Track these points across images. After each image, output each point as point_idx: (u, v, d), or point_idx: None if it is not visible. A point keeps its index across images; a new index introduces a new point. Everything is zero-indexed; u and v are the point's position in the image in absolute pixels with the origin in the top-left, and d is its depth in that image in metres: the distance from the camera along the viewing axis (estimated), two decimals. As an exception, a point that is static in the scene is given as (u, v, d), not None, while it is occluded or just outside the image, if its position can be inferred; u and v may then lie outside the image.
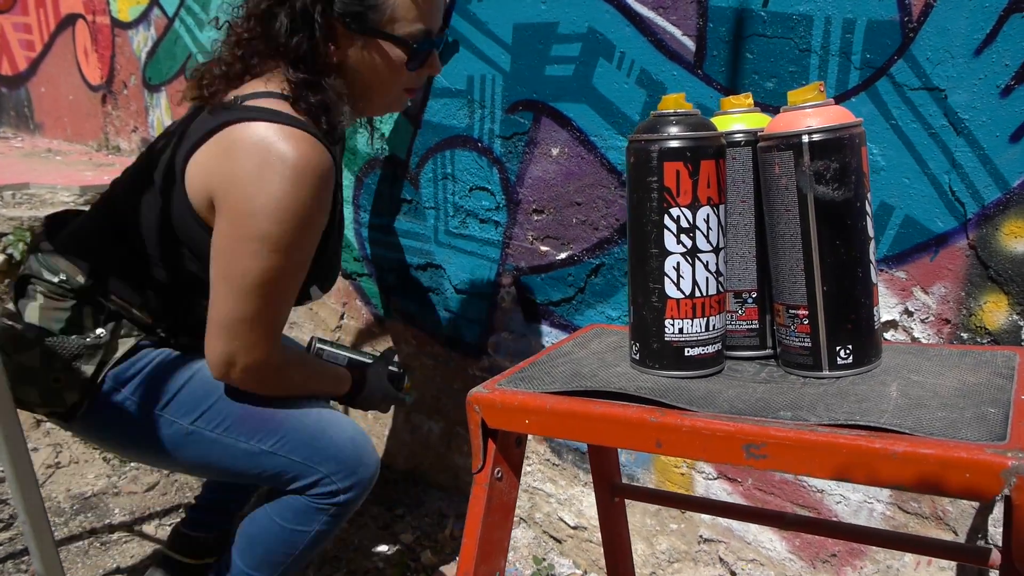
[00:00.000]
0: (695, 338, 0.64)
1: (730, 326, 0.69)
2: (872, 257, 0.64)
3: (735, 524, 1.60)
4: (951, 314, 1.27)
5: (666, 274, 0.63)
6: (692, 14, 1.47)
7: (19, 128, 4.05)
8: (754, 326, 0.68)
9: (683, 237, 0.63)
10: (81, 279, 1.31)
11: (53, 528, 1.97)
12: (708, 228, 0.63)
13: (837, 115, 0.62)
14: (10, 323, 1.31)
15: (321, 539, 1.41)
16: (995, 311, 1.22)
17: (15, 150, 3.53)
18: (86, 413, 1.32)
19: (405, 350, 2.23)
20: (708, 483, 1.60)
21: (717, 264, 0.65)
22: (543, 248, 1.81)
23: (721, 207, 0.64)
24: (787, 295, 0.64)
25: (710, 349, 0.65)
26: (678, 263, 0.63)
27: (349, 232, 2.28)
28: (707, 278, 0.64)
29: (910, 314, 1.31)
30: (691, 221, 0.63)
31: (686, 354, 0.65)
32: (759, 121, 0.70)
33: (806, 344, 0.64)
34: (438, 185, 2.01)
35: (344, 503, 1.38)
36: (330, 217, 1.31)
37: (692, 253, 0.63)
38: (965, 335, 1.26)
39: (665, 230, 0.63)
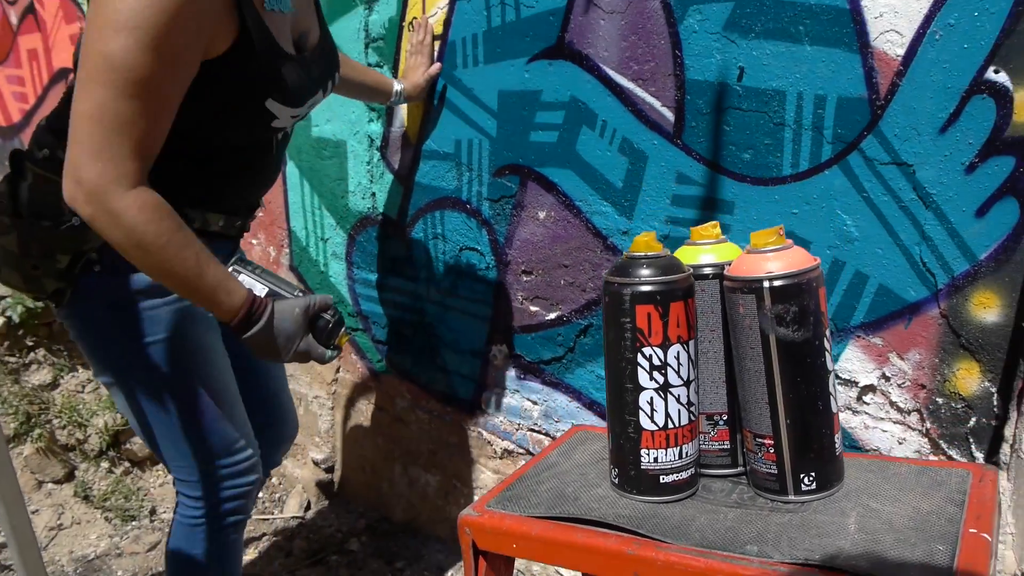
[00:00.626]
0: (669, 466, 0.68)
1: (703, 445, 0.72)
2: (832, 390, 0.68)
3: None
4: (926, 380, 1.31)
5: (640, 408, 0.67)
6: (670, 86, 1.52)
7: (14, 179, 4.08)
8: (726, 446, 0.71)
9: (655, 374, 0.67)
10: (61, 153, 1.20)
11: (57, 596, 1.99)
12: (679, 364, 0.67)
13: (796, 260, 0.66)
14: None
15: (216, 562, 1.50)
16: (968, 378, 1.26)
17: (10, 204, 3.57)
18: (71, 303, 1.35)
19: (400, 404, 2.26)
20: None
21: (688, 396, 0.69)
22: (533, 308, 1.85)
23: (691, 342, 0.68)
24: (754, 424, 0.68)
25: (684, 475, 0.69)
26: (651, 398, 0.67)
27: (343, 288, 2.32)
28: (679, 410, 0.68)
29: (887, 379, 1.35)
30: (663, 359, 0.67)
31: (661, 481, 0.69)
32: (727, 252, 0.74)
33: (772, 471, 0.68)
34: (429, 245, 2.05)
35: (208, 517, 1.48)
36: (241, 36, 1.20)
37: (664, 388, 0.67)
38: (940, 399, 1.29)
39: (639, 367, 0.67)
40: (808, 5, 1.32)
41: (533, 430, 1.94)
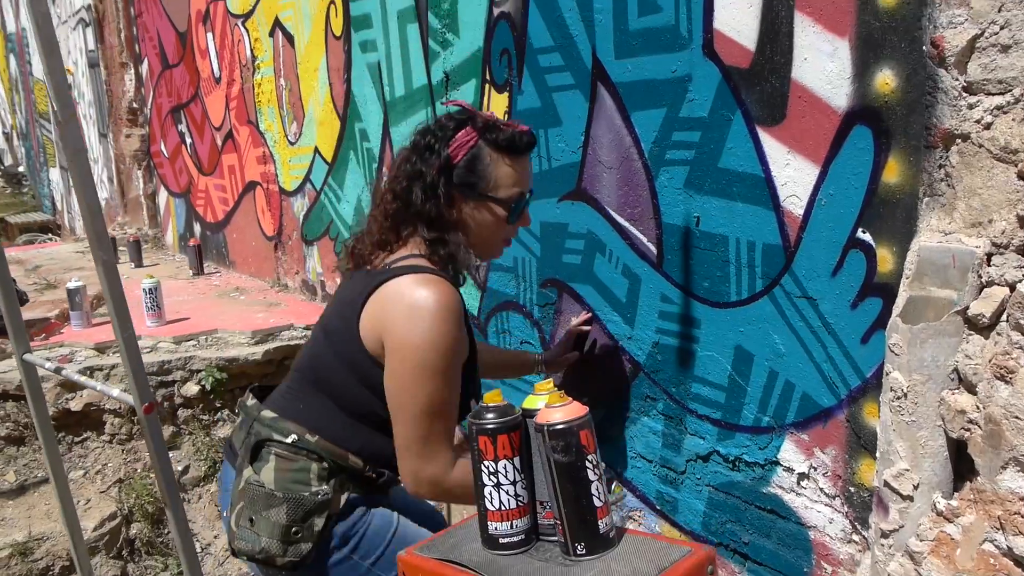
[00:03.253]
0: (504, 533, 1.11)
1: (540, 520, 1.14)
2: (595, 491, 1.07)
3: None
4: (841, 471, 1.61)
5: (485, 496, 1.11)
6: (653, 226, 1.92)
7: (219, 263, 5.08)
8: (551, 522, 1.12)
9: (491, 477, 1.11)
10: (310, 437, 1.51)
11: (225, 602, 2.65)
12: (507, 471, 1.10)
13: (569, 413, 1.07)
14: (258, 485, 1.51)
15: None
16: (868, 472, 1.55)
17: (213, 288, 4.50)
18: (312, 563, 1.51)
19: (485, 464, 2.75)
20: None
21: (515, 490, 1.10)
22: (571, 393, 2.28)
23: (516, 458, 1.11)
24: (553, 510, 1.10)
25: (515, 539, 1.11)
26: (490, 491, 1.11)
27: (442, 367, 2.86)
28: (509, 499, 1.10)
29: (815, 468, 1.66)
30: (495, 468, 1.10)
31: (500, 541, 1.12)
32: (557, 400, 1.15)
33: (562, 540, 1.08)
34: (499, 337, 2.54)
35: None
36: (470, 342, 1.55)
37: (497, 486, 1.10)
38: (852, 489, 1.59)
39: (482, 472, 1.11)
40: (738, 172, 1.69)
41: (577, 492, 2.36)
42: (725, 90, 1.68)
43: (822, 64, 1.49)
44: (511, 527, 1.12)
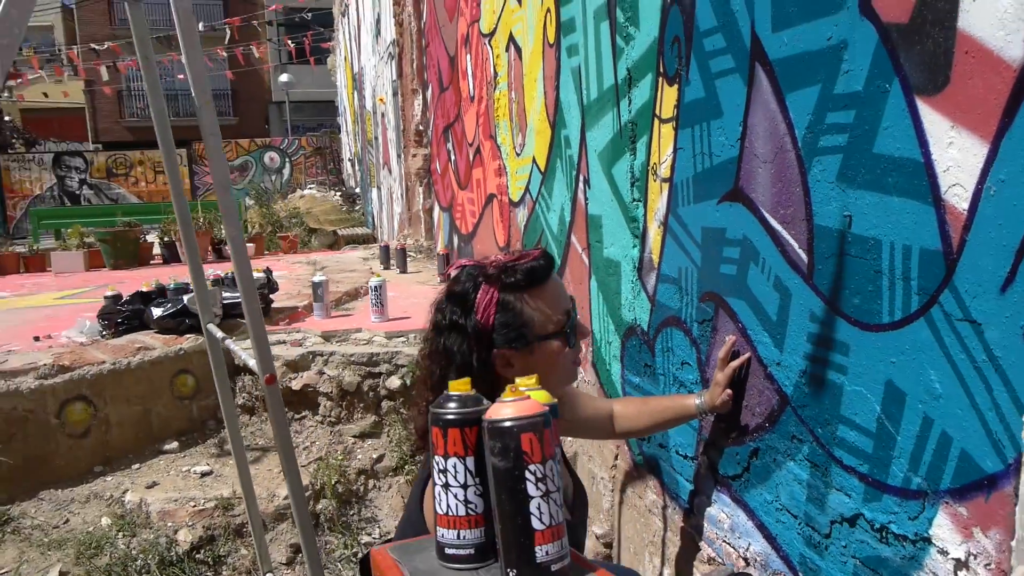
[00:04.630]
0: (450, 542, 0.93)
1: None
2: (535, 510, 0.85)
3: None
4: (1007, 566, 1.16)
5: (435, 496, 0.96)
6: (805, 230, 1.59)
7: (468, 273, 5.34)
8: None
9: (440, 476, 0.94)
10: None
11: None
12: (456, 472, 0.93)
13: (516, 410, 0.87)
14: None
15: None
16: (1041, 571, 1.10)
17: (450, 295, 4.74)
18: None
19: (649, 496, 2.50)
20: None
21: (466, 496, 0.93)
22: (720, 425, 1.98)
23: (470, 459, 0.93)
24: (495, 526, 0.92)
25: (463, 552, 0.94)
26: (439, 492, 0.95)
27: (617, 386, 2.67)
28: (457, 504, 0.93)
29: (974, 556, 1.22)
30: (444, 466, 0.94)
31: (446, 551, 0.95)
32: (541, 397, 0.95)
33: (500, 563, 0.89)
34: (664, 356, 2.30)
35: None
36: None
37: (446, 486, 0.94)
38: (1020, 591, 1.14)
39: (434, 467, 0.96)
40: (893, 158, 1.33)
41: (726, 542, 2.03)
42: (882, 54, 1.34)
43: (994, 3, 1.11)
44: (457, 537, 0.96)
